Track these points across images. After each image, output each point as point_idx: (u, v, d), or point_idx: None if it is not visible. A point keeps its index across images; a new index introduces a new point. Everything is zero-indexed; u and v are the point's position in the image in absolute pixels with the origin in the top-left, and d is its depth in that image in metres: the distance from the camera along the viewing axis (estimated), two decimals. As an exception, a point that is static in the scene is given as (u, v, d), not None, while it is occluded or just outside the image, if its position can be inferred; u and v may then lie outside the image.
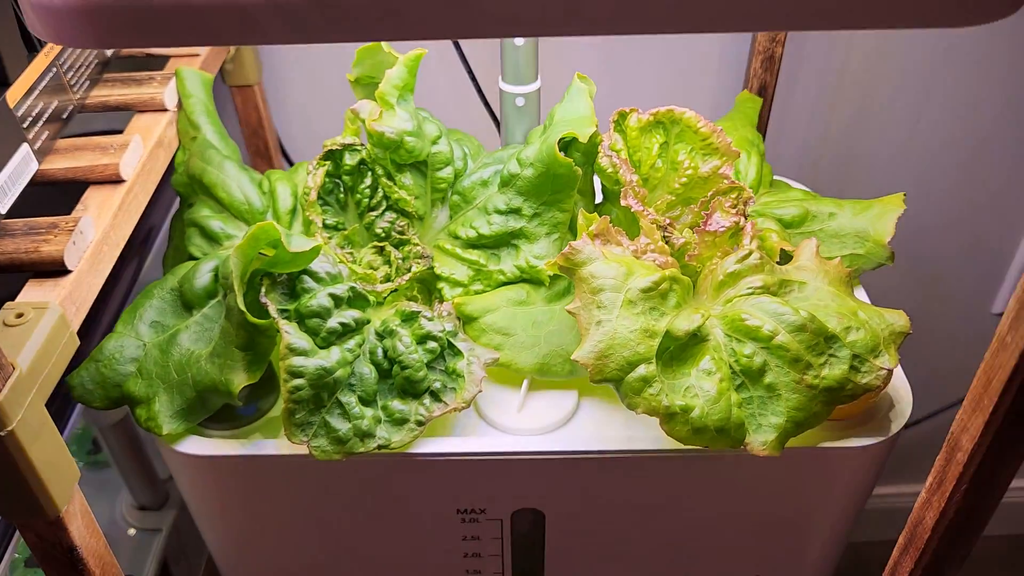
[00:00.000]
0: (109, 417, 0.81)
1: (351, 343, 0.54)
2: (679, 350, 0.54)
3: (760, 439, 0.53)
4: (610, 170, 0.59)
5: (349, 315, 0.54)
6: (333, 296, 0.53)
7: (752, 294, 0.56)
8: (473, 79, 0.85)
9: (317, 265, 0.54)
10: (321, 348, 0.52)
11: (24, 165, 0.54)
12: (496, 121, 0.89)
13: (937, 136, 0.95)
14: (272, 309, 0.53)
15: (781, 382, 0.53)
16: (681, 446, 0.55)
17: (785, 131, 0.93)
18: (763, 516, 0.60)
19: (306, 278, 0.54)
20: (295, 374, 0.51)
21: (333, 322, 0.53)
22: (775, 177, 0.74)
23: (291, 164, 0.95)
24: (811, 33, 0.86)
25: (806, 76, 0.89)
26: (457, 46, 0.80)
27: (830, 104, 0.94)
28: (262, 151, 0.89)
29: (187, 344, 0.57)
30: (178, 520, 0.88)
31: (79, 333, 0.51)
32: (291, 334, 0.52)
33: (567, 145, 0.59)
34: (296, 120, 0.95)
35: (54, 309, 0.48)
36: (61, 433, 0.66)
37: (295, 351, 0.51)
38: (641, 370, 0.51)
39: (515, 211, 0.60)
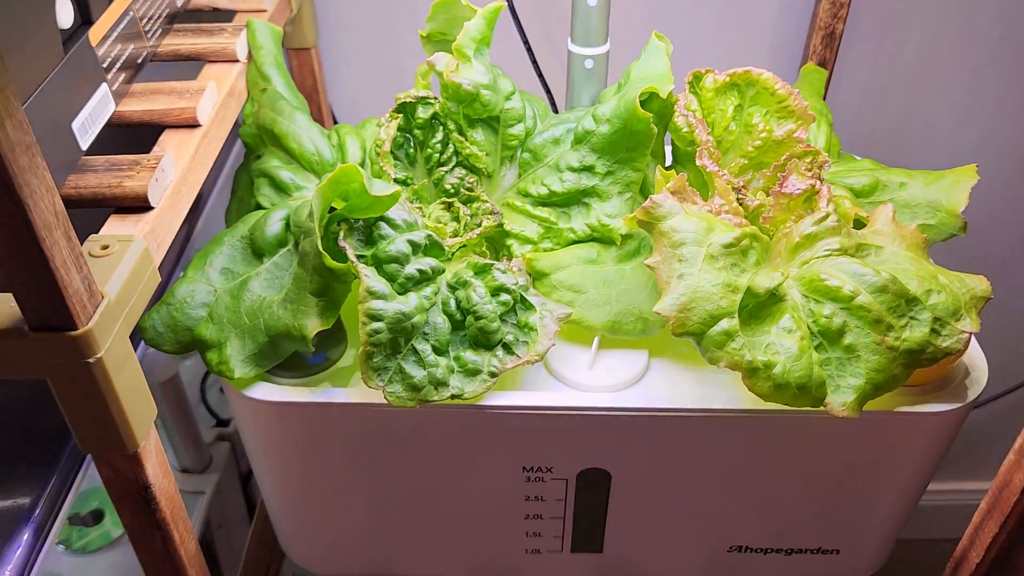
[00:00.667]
0: (158, 375, 0.81)
1: (427, 291, 0.53)
2: (757, 308, 0.53)
3: (839, 400, 0.52)
4: (685, 130, 0.59)
5: (426, 263, 0.54)
6: (411, 242, 0.53)
7: (829, 256, 0.55)
8: (525, 41, 0.85)
9: (394, 212, 0.54)
10: (399, 294, 0.52)
11: (103, 105, 0.54)
12: (546, 87, 0.89)
13: (993, 119, 0.94)
14: (350, 253, 0.52)
15: (861, 343, 0.53)
16: (756, 405, 0.54)
17: (836, 109, 0.92)
18: (833, 481, 0.59)
19: (383, 224, 0.54)
20: (374, 317, 0.51)
21: (411, 268, 0.53)
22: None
23: (341, 132, 0.95)
24: (868, 10, 0.85)
25: (860, 54, 0.89)
26: (510, 4, 0.79)
27: (883, 85, 0.93)
28: (315, 116, 0.89)
29: (258, 291, 0.57)
30: (220, 484, 0.87)
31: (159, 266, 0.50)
32: (370, 277, 0.51)
33: (641, 103, 0.59)
34: (346, 88, 0.95)
35: (139, 242, 0.48)
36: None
37: (375, 294, 0.51)
38: (724, 324, 0.50)
39: (588, 169, 0.60)
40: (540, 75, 0.81)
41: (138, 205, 0.50)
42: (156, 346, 0.57)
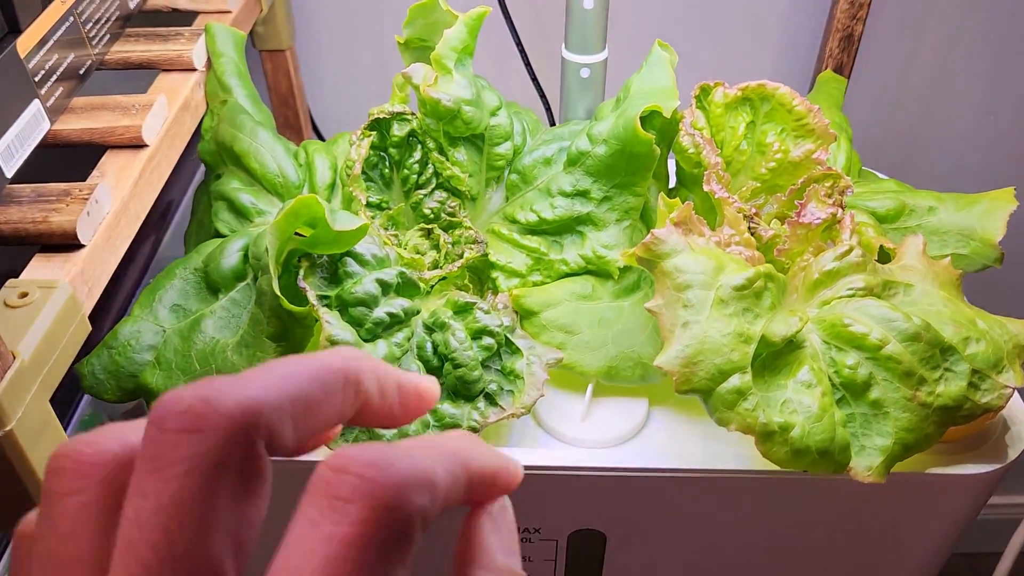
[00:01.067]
0: (121, 404, 0.75)
1: (399, 336, 0.47)
2: (771, 358, 0.47)
3: (864, 463, 0.46)
4: (691, 151, 0.53)
5: (398, 304, 0.47)
6: (381, 282, 0.47)
7: (853, 296, 0.49)
8: (519, 46, 0.79)
9: (363, 247, 0.48)
10: (366, 340, 0.46)
11: (34, 124, 0.48)
12: (543, 96, 0.83)
13: (1009, 129, 0.87)
14: (311, 295, 0.46)
15: (889, 398, 0.46)
16: (767, 466, 0.48)
17: (847, 114, 0.86)
18: (850, 544, 0.53)
19: (350, 261, 0.48)
20: (336, 371, 0.44)
21: (380, 312, 0.46)
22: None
23: (319, 136, 0.88)
24: (883, 14, 0.79)
25: (874, 58, 0.82)
26: (503, 6, 0.73)
27: (898, 89, 0.87)
28: (292, 123, 0.82)
29: (212, 332, 0.51)
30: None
31: (89, 317, 0.44)
32: (332, 324, 0.45)
33: (643, 122, 0.52)
34: (327, 91, 0.88)
35: (63, 288, 0.42)
36: (67, 423, 0.60)
37: (336, 343, 0.45)
38: (735, 380, 0.44)
39: (582, 194, 0.53)
40: (536, 83, 0.74)
41: (66, 243, 0.44)
42: (96, 395, 0.51)
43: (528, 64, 0.80)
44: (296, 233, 0.50)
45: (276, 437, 0.18)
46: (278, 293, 0.45)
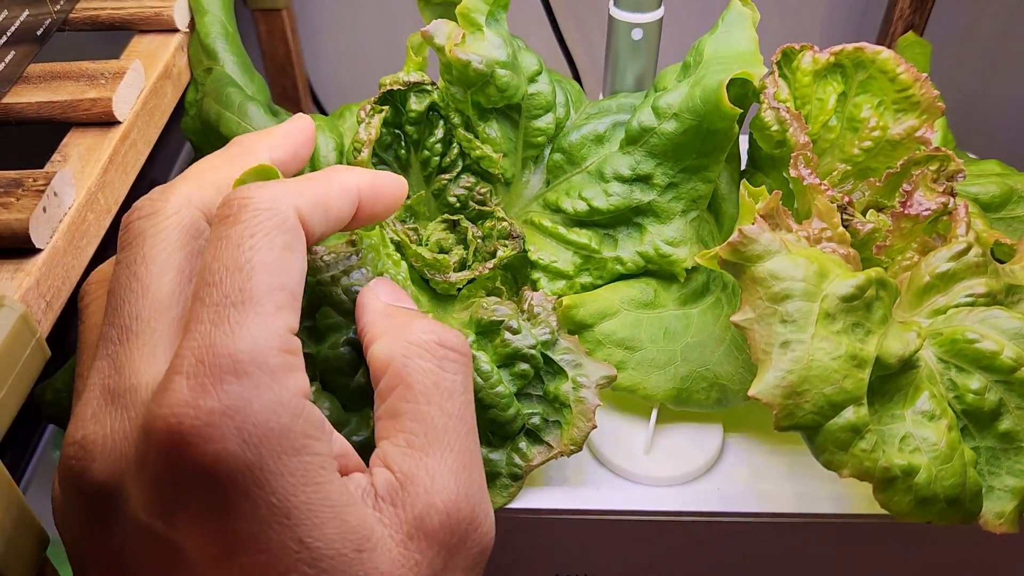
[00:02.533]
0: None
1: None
2: (881, 382, 0.39)
3: (994, 509, 0.38)
4: (775, 128, 0.44)
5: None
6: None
7: (974, 304, 0.41)
8: (549, 13, 0.70)
9: (345, 291, 0.38)
10: (351, 413, 0.37)
11: (-22, 96, 0.39)
12: (573, 66, 0.74)
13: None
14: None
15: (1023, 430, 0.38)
16: (872, 509, 0.40)
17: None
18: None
19: (329, 311, 0.37)
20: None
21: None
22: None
23: (320, 109, 0.79)
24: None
25: (933, 23, 0.73)
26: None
27: (956, 59, 0.78)
28: (290, 93, 0.73)
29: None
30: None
31: (50, 334, 0.36)
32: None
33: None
34: (328, 56, 0.79)
35: (12, 307, 0.33)
36: (31, 453, 0.51)
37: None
38: (849, 414, 0.36)
39: (643, 179, 0.45)
40: (568, 56, 0.65)
41: (17, 247, 0.35)
42: (61, 424, 0.42)
43: (555, 25, 0.71)
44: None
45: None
46: None
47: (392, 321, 0.29)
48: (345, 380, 0.37)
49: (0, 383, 0.32)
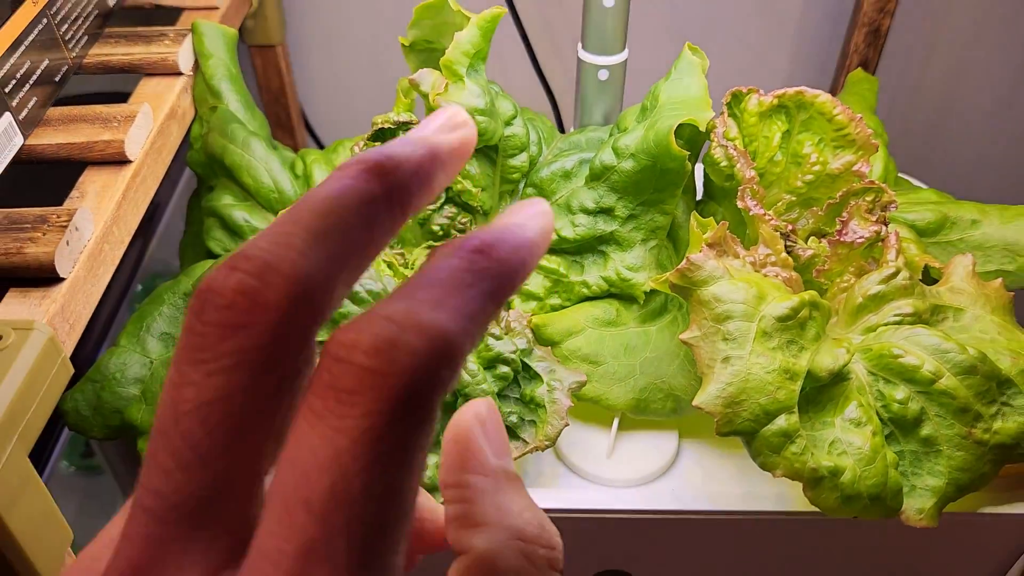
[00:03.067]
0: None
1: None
2: (815, 392, 0.44)
3: (915, 505, 0.43)
4: (724, 163, 0.49)
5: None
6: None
7: (901, 323, 0.45)
8: (527, 45, 0.74)
9: (359, 284, 0.44)
10: None
11: (6, 139, 0.43)
12: (552, 99, 0.78)
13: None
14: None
15: (942, 435, 0.43)
16: (809, 507, 0.45)
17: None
18: (894, 586, 0.50)
19: (344, 300, 0.43)
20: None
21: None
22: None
23: (314, 137, 0.84)
24: (904, 5, 0.75)
25: (891, 52, 0.78)
26: (510, 3, 0.68)
27: (915, 85, 0.83)
28: (283, 122, 0.78)
29: (205, 364, 0.46)
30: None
31: (72, 354, 0.40)
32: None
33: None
34: (319, 89, 0.83)
35: (41, 330, 0.37)
36: (49, 455, 0.56)
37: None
38: (781, 421, 0.40)
39: (606, 211, 0.49)
40: (545, 84, 0.70)
41: (44, 276, 0.40)
42: (81, 432, 0.47)
43: (536, 64, 0.75)
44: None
45: (325, 313, 0.15)
46: None
47: (500, 497, 0.20)
48: None
49: (32, 397, 0.36)
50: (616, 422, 0.48)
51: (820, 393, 0.44)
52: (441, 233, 0.52)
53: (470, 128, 0.19)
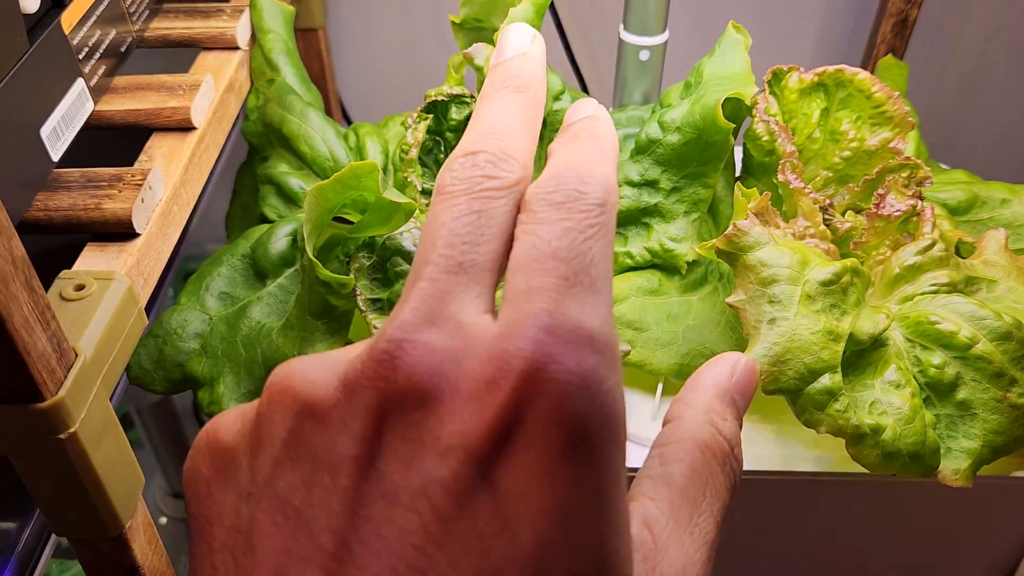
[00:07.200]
0: (147, 395, 0.72)
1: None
2: (855, 357, 0.45)
3: (951, 466, 0.44)
4: (765, 138, 0.50)
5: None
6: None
7: (937, 292, 0.47)
8: (559, 26, 0.76)
9: (409, 242, 0.46)
10: None
11: (79, 104, 0.45)
12: (582, 80, 0.80)
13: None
14: (360, 300, 0.44)
15: (978, 399, 0.45)
16: (849, 468, 0.47)
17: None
18: (928, 548, 0.52)
19: (400, 260, 0.45)
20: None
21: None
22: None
23: (348, 120, 0.86)
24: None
25: (914, 44, 0.80)
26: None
27: (938, 79, 0.85)
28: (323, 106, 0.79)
29: (258, 316, 0.48)
30: (217, 510, 0.79)
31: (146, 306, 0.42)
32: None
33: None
34: (357, 75, 0.85)
35: (121, 280, 0.39)
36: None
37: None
38: (825, 380, 0.42)
39: (650, 183, 0.51)
40: (575, 65, 0.72)
41: (120, 232, 0.42)
42: (143, 386, 0.49)
43: (567, 45, 0.77)
44: (338, 219, 0.48)
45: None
46: (313, 259, 0.43)
47: (726, 407, 0.26)
48: None
49: (112, 344, 0.38)
50: (660, 386, 0.50)
51: (860, 357, 0.45)
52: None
53: (540, 38, 0.27)
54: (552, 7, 0.72)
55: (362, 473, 0.19)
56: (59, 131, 0.43)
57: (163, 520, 0.80)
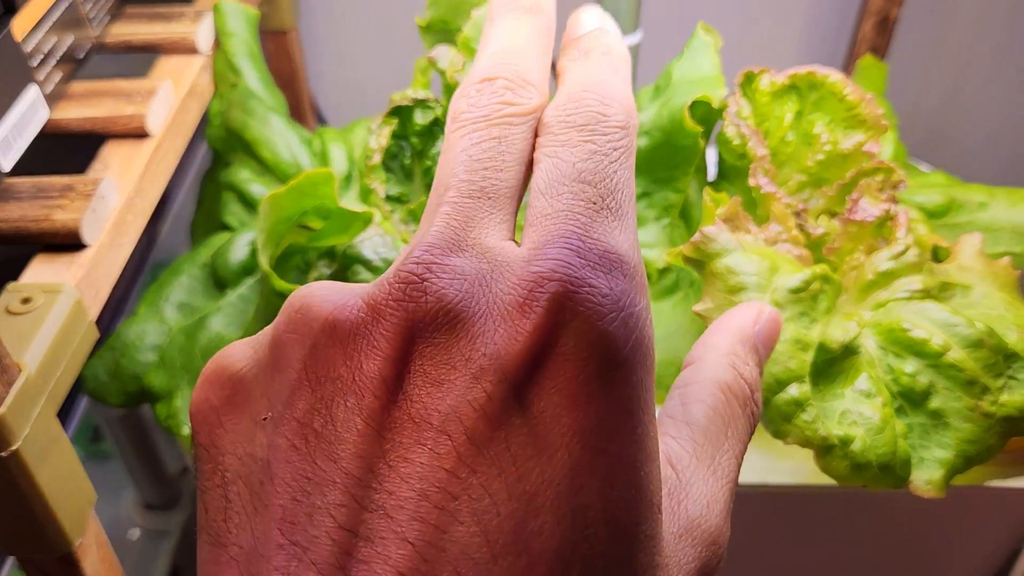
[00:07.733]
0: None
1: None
2: (825, 365, 0.44)
3: (923, 476, 0.43)
4: (736, 142, 0.49)
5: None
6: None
7: (911, 299, 0.46)
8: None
9: (370, 250, 0.44)
10: None
11: (32, 112, 0.44)
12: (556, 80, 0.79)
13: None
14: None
15: (950, 408, 0.44)
16: (822, 480, 0.46)
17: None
18: (904, 559, 0.51)
19: (360, 268, 0.44)
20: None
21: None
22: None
23: (323, 123, 0.85)
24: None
25: (899, 44, 0.79)
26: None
27: (923, 78, 0.84)
28: (294, 109, 0.78)
29: (217, 328, 0.47)
30: (190, 524, 0.78)
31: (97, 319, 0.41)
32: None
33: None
34: (331, 77, 0.84)
35: (69, 293, 0.38)
36: (66, 425, 0.56)
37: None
38: (793, 390, 0.41)
39: (619, 188, 0.50)
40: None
41: (71, 243, 0.41)
42: (99, 399, 0.48)
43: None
44: (301, 226, 0.47)
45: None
46: (267, 268, 0.42)
47: (748, 353, 0.26)
48: None
49: (59, 359, 0.37)
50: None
51: (830, 366, 0.44)
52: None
53: None
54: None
55: (389, 395, 0.18)
56: (11, 140, 0.42)
57: (135, 533, 0.79)
